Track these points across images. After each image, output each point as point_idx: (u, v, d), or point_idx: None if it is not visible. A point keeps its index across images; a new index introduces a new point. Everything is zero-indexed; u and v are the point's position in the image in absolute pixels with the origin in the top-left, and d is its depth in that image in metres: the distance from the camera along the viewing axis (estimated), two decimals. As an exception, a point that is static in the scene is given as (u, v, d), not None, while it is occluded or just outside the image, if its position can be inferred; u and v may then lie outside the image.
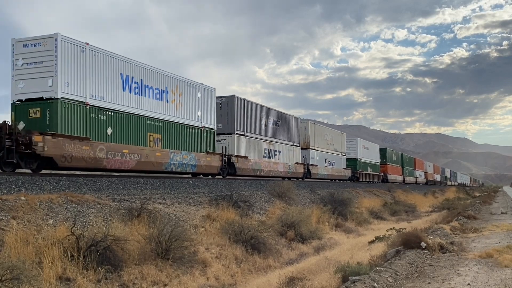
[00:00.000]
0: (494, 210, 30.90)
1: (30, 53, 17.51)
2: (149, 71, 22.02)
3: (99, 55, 19.13)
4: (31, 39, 17.62)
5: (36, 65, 17.49)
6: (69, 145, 17.08)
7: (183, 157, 23.51)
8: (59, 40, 17.25)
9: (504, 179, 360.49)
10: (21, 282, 8.52)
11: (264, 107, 33.34)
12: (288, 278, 12.42)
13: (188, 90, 24.82)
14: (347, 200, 29.28)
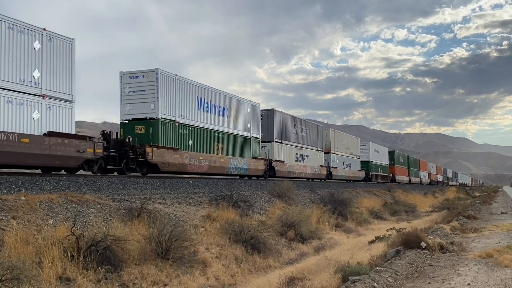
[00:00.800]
0: (494, 210, 30.90)
1: (135, 83, 22.55)
2: (215, 93, 27.37)
3: (183, 83, 24.31)
4: (136, 72, 22.75)
5: (140, 93, 22.48)
6: (167, 154, 21.94)
7: (239, 162, 28.37)
8: (159, 73, 22.33)
9: (504, 179, 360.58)
10: (21, 282, 8.52)
11: (295, 117, 38.38)
12: (288, 278, 12.42)
13: (241, 107, 29.98)
14: (347, 200, 29.30)
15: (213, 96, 26.83)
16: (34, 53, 16.76)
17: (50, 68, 17.35)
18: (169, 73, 23.12)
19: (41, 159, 16.04)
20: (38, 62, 16.93)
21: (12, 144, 14.87)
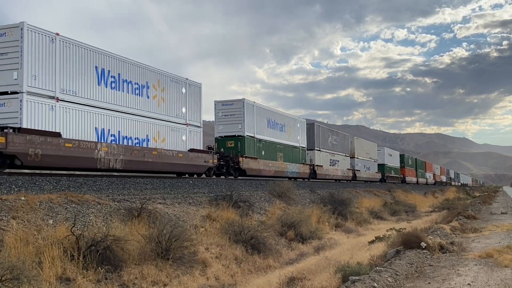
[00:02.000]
0: (494, 210, 30.89)
1: (226, 109, 30.48)
2: (277, 114, 35.65)
3: (259, 108, 32.30)
4: (227, 101, 30.87)
5: (231, 116, 30.29)
6: (251, 162, 29.86)
7: (293, 167, 36.40)
8: (245, 102, 30.25)
9: (504, 179, 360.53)
10: (21, 282, 8.51)
11: (330, 129, 48.17)
12: (288, 278, 12.42)
13: (293, 123, 37.95)
14: (347, 200, 29.30)
15: (276, 116, 35.20)
16: (182, 96, 24.78)
17: (190, 105, 25.38)
18: (250, 101, 31.41)
19: (187, 168, 24.06)
20: (184, 102, 24.90)
21: (175, 157, 22.67)
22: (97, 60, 19.31)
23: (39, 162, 15.94)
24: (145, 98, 21.87)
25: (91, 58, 19.07)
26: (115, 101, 20.07)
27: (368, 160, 57.83)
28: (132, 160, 19.98)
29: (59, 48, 17.65)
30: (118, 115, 20.24)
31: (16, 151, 15.05)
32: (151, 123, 22.16)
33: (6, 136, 14.83)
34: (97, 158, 18.28)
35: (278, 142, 34.71)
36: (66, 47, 18.01)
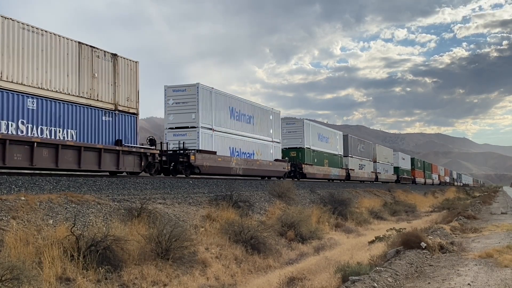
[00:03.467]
0: (494, 210, 30.90)
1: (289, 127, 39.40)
2: (324, 129, 46.54)
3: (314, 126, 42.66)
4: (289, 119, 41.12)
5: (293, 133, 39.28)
6: (309, 168, 39.28)
7: (334, 171, 46.21)
8: (304, 122, 40.09)
9: (504, 179, 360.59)
10: (21, 282, 8.52)
11: (359, 139, 58.72)
12: (288, 278, 12.43)
13: (334, 135, 47.98)
14: (347, 200, 29.30)
15: (323, 131, 45.24)
16: (270, 121, 34.38)
17: (275, 127, 35.20)
18: (307, 120, 41.81)
19: (273, 172, 33.31)
20: (271, 125, 34.49)
21: (267, 165, 32.39)
22: (230, 102, 29.13)
23: (207, 170, 25.24)
24: (251, 125, 31.92)
25: (227, 102, 28.87)
26: (238, 128, 29.91)
27: (386, 164, 67.25)
28: (247, 168, 29.47)
29: (213, 97, 27.19)
30: (239, 138, 29.96)
31: (198, 164, 24.63)
32: (255, 142, 31.98)
33: (195, 155, 24.39)
34: (231, 167, 27.68)
35: (325, 151, 44.43)
36: (215, 96, 27.43)
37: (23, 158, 15.53)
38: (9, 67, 15.42)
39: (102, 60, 19.24)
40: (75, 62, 17.94)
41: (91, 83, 18.61)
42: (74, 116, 17.80)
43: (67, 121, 17.49)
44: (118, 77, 19.95)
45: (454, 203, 39.53)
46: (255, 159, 30.97)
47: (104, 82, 19.20)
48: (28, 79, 16.06)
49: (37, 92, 16.31)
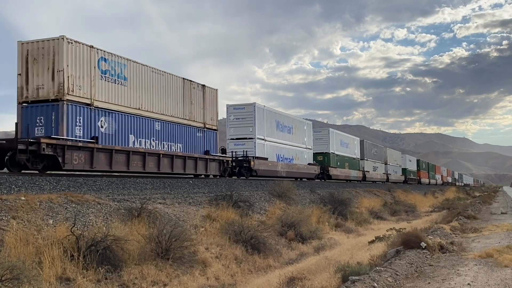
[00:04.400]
0: (494, 210, 30.91)
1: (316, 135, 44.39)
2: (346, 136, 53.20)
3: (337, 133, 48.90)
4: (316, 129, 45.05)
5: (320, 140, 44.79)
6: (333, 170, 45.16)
7: (353, 172, 51.88)
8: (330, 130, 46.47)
9: (504, 179, 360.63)
10: (21, 282, 8.52)
11: (372, 143, 65.57)
12: (288, 278, 12.42)
13: (353, 141, 54.79)
14: (347, 200, 29.30)
15: (345, 138, 51.77)
16: (304, 131, 40.38)
17: (308, 136, 41.19)
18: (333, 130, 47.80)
19: (307, 175, 39.22)
20: (305, 134, 40.64)
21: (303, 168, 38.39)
22: (276, 117, 35.33)
23: (262, 173, 31.05)
24: (291, 135, 37.64)
25: (274, 116, 34.98)
26: (282, 138, 35.82)
27: (396, 165, 72.92)
28: (288, 171, 35.58)
29: (264, 113, 33.38)
30: (283, 146, 35.87)
31: (256, 168, 30.49)
32: (293, 149, 37.85)
33: (254, 161, 30.22)
34: (278, 170, 33.82)
35: (346, 156, 50.11)
36: (266, 112, 33.68)
37: (154, 165, 21.26)
38: (144, 100, 21.37)
39: (196, 90, 25.65)
40: (181, 93, 24.27)
41: (190, 108, 24.99)
42: (181, 133, 24.05)
43: (177, 137, 23.70)
44: (206, 102, 26.37)
45: (454, 203, 39.49)
46: (294, 163, 37.43)
47: (197, 107, 25.63)
48: (155, 108, 22.09)
49: (160, 117, 22.46)
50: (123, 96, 20.20)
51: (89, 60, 18.59)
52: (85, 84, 18.30)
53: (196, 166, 24.61)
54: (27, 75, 17.82)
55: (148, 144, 21.41)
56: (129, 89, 20.50)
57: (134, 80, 20.88)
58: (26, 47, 17.88)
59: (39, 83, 17.69)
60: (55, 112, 17.41)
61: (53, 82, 17.47)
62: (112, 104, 19.59)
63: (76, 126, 17.91)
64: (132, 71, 20.84)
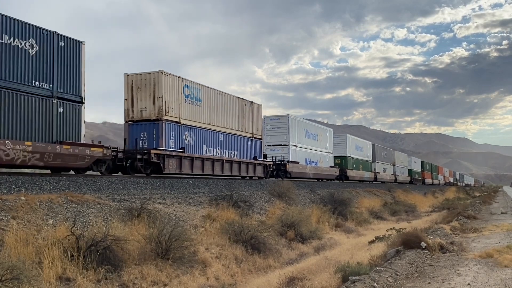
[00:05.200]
0: (494, 210, 30.91)
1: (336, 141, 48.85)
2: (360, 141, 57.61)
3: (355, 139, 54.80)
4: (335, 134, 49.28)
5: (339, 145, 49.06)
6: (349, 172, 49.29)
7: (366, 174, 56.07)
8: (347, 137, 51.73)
9: (504, 179, 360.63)
10: (21, 282, 8.52)
11: (383, 147, 73.13)
12: (288, 278, 12.42)
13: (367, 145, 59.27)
14: (347, 200, 29.30)
15: (359, 142, 56.90)
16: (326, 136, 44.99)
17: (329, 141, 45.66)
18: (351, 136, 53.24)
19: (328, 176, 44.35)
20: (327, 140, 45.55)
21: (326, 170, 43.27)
22: (304, 126, 40.63)
23: (295, 175, 35.89)
24: (316, 141, 42.69)
25: (303, 125, 40.38)
26: (309, 144, 40.87)
27: (402, 167, 77.16)
28: (315, 173, 40.88)
29: (296, 123, 38.31)
30: (310, 151, 40.80)
31: (290, 170, 35.20)
32: (318, 153, 42.82)
33: (288, 164, 34.92)
34: (306, 172, 38.73)
35: (360, 158, 54.58)
36: (297, 122, 38.71)
37: (219, 169, 26.31)
38: (212, 117, 26.48)
39: (246, 106, 30.67)
40: (236, 109, 29.34)
41: (242, 121, 30.01)
42: (236, 142, 28.99)
43: (234, 146, 28.63)
44: (253, 116, 31.49)
45: (454, 203, 39.49)
46: (319, 166, 42.62)
47: (247, 120, 30.65)
48: (219, 122, 27.13)
49: (222, 130, 27.45)
50: (199, 114, 25.23)
51: (177, 88, 23.44)
52: (175, 106, 23.16)
53: (247, 169, 29.59)
54: (132, 100, 22.69)
55: (214, 152, 26.43)
56: (202, 108, 25.55)
57: (206, 101, 25.89)
58: (131, 78, 22.78)
59: (142, 106, 22.53)
60: (155, 129, 22.21)
61: (154, 106, 22.34)
62: (192, 121, 24.56)
63: (170, 139, 22.67)
64: (204, 94, 25.85)
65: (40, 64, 16.60)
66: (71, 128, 17.65)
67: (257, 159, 30.97)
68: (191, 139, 24.44)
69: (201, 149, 25.20)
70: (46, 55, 16.79)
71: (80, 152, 17.40)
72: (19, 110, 15.74)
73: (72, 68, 17.88)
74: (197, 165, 24.40)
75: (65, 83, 17.52)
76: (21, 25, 15.98)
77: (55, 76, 17.10)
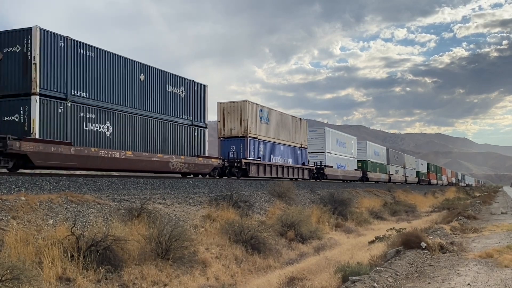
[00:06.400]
0: (494, 210, 30.89)
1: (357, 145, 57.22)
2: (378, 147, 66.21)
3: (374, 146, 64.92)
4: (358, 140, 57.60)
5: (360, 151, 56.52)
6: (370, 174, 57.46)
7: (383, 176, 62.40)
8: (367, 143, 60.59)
9: (504, 179, 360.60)
10: (21, 282, 8.52)
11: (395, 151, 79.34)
12: (288, 278, 12.42)
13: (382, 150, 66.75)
14: (347, 200, 29.28)
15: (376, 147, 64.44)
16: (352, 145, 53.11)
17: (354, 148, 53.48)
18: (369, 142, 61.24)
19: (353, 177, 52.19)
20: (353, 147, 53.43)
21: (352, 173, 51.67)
22: (336, 136, 48.14)
23: (330, 177, 43.65)
24: (344, 148, 49.83)
25: (335, 135, 47.71)
26: (339, 151, 47.88)
27: (411, 169, 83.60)
28: (343, 175, 48.32)
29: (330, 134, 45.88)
30: (340, 156, 48.02)
31: (327, 173, 42.85)
32: (346, 158, 50.11)
33: (325, 168, 42.82)
34: (338, 175, 46.31)
35: (377, 162, 61.84)
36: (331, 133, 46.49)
37: (280, 173, 34.36)
38: (276, 132, 34.61)
39: (297, 122, 39.02)
40: (290, 125, 37.76)
41: (294, 134, 38.13)
42: (291, 152, 37.12)
43: (289, 154, 36.83)
44: (301, 130, 39.68)
45: (454, 203, 39.50)
46: (347, 169, 49.98)
47: (297, 133, 38.68)
48: (280, 136, 35.36)
49: (282, 142, 35.70)
50: (268, 131, 33.45)
51: (255, 112, 31.67)
52: (254, 126, 31.24)
53: (298, 173, 37.85)
54: (224, 122, 30.56)
55: (277, 160, 34.66)
56: (270, 126, 33.79)
57: (272, 121, 34.17)
58: (223, 105, 30.66)
59: (231, 126, 30.39)
60: (242, 143, 30.06)
61: (240, 126, 30.27)
62: (264, 136, 32.72)
63: (252, 151, 30.57)
64: (271, 115, 34.27)
65: (186, 103, 24.49)
66: (201, 146, 25.50)
67: (304, 164, 39.16)
68: (264, 150, 32.48)
69: (269, 158, 33.30)
70: (189, 97, 24.75)
71: (206, 162, 25.47)
72: (177, 135, 23.54)
73: (201, 104, 25.83)
74: (268, 170, 32.41)
75: (198, 114, 25.47)
76: (176, 78, 23.92)
77: (193, 111, 25.03)
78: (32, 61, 16.18)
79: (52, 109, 16.81)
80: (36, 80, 16.20)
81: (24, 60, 16.29)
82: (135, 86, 20.93)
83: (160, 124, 22.34)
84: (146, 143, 21.31)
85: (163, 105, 22.71)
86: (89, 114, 18.41)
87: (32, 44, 16.26)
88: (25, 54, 16.30)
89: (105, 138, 19.01)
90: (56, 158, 16.47)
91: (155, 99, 22.21)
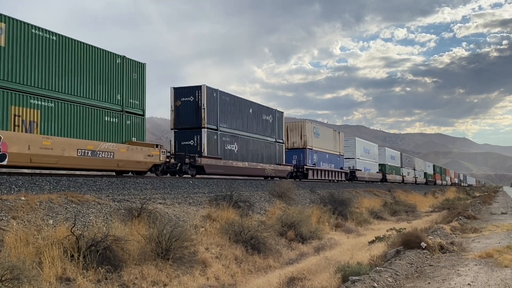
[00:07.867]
0: (494, 210, 30.89)
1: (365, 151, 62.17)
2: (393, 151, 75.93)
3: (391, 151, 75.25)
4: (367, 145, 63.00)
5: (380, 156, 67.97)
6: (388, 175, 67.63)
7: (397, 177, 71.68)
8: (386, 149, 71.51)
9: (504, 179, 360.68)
10: (21, 282, 8.52)
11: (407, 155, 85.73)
12: (288, 278, 12.43)
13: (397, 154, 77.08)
14: (347, 200, 29.28)
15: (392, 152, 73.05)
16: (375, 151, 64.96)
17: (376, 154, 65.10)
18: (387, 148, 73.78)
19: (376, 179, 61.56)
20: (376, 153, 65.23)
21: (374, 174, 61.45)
22: (363, 144, 58.90)
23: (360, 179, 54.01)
24: (369, 154, 58.86)
25: (362, 144, 58.03)
26: (365, 157, 57.52)
27: (420, 170, 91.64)
28: (368, 177, 56.81)
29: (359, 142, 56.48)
30: (366, 161, 57.50)
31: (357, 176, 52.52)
32: (370, 163, 58.88)
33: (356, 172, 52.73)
34: (364, 177, 55.60)
35: (393, 165, 71.13)
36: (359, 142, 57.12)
37: (326, 176, 43.68)
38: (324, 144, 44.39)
39: (336, 134, 48.12)
40: (332, 137, 46.90)
41: (335, 144, 47.44)
42: (334, 158, 46.88)
43: (332, 160, 46.20)
44: (340, 140, 49.07)
45: (454, 203, 39.51)
46: (371, 172, 58.98)
47: (337, 143, 47.95)
48: (326, 147, 44.79)
49: (327, 151, 45.01)
50: (319, 143, 42.44)
51: (311, 128, 41.15)
52: (310, 140, 40.31)
53: (338, 175, 47.20)
54: (288, 137, 39.38)
55: (325, 165, 43.83)
56: (320, 139, 42.79)
57: (321, 134, 43.36)
58: (287, 124, 39.06)
59: (293, 140, 39.75)
60: (302, 153, 39.34)
61: (301, 140, 39.75)
62: (316, 147, 41.67)
63: (309, 159, 39.69)
64: (320, 130, 43.93)
65: (272, 126, 34.56)
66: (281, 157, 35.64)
67: (342, 169, 48.99)
68: (316, 158, 41.63)
69: (320, 164, 42.42)
70: (273, 121, 34.71)
71: (284, 169, 35.37)
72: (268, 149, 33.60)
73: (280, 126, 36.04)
74: (320, 173, 41.64)
75: (278, 134, 35.61)
76: (268, 109, 34.38)
77: (276, 131, 35.12)
78: (202, 107, 26.13)
79: (212, 136, 26.59)
80: (204, 119, 26.18)
81: (197, 106, 26.32)
82: (247, 117, 30.98)
83: (259, 142, 32.31)
84: (253, 155, 31.14)
85: (261, 129, 32.90)
86: (226, 138, 28.21)
87: (201, 96, 26.32)
88: (197, 103, 26.38)
89: (234, 153, 28.87)
90: (215, 168, 26.10)
91: (258, 125, 32.44)
